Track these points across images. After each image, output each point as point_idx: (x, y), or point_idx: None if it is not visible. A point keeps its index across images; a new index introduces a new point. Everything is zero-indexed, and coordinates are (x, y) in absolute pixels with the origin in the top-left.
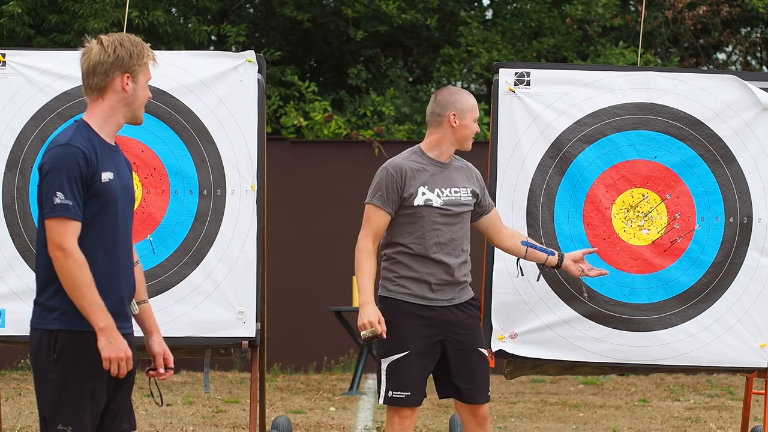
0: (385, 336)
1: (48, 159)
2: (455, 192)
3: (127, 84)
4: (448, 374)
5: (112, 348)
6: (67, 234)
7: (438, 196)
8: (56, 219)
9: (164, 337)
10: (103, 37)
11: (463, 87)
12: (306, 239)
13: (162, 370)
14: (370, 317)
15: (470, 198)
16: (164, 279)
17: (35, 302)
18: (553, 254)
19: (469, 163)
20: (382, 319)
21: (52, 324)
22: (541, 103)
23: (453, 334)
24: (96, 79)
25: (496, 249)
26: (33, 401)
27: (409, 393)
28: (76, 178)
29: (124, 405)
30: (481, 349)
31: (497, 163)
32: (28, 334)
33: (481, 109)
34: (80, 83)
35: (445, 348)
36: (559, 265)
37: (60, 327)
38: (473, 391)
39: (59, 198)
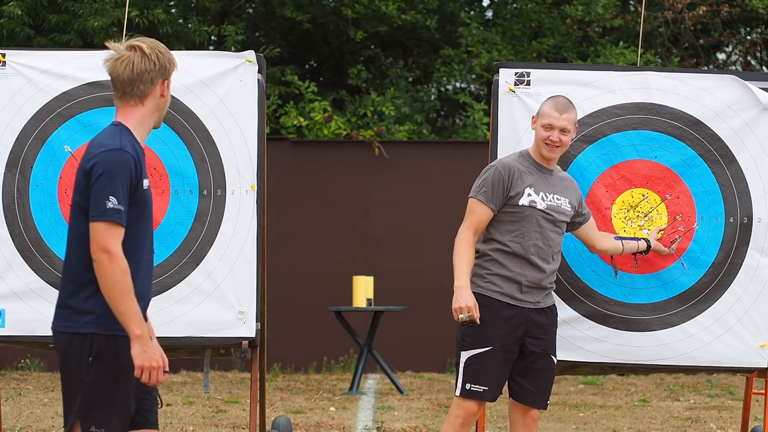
0: (479, 322)
1: (101, 162)
2: (557, 199)
3: (165, 90)
4: (514, 371)
5: (146, 357)
6: (113, 238)
7: (542, 199)
8: (106, 223)
9: (164, 337)
10: (140, 44)
11: (462, 87)
12: (306, 239)
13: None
14: (468, 302)
15: (569, 209)
16: (164, 279)
17: (63, 305)
18: (641, 240)
19: (569, 175)
20: (477, 304)
21: (87, 327)
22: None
23: (531, 335)
24: (141, 87)
25: None
26: (33, 401)
27: (486, 388)
28: (127, 185)
29: (155, 395)
30: (552, 356)
31: None
32: (48, 335)
33: (480, 110)
34: (80, 83)
35: (521, 348)
36: (648, 249)
37: (96, 330)
38: (535, 394)
39: (112, 203)
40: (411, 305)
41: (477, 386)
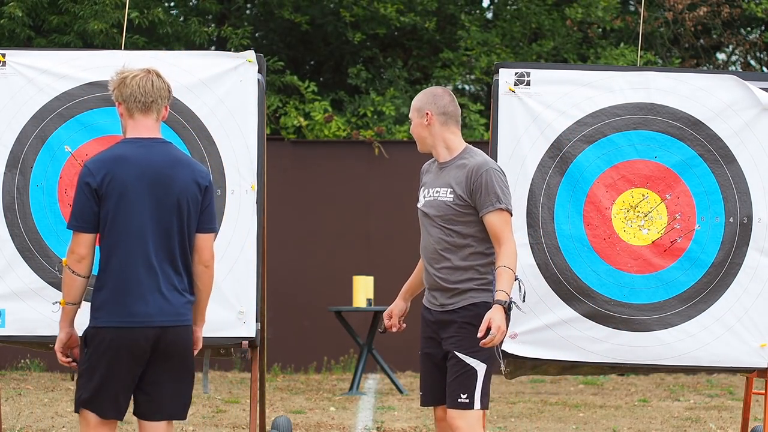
0: (392, 330)
1: (212, 180)
2: (435, 192)
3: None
4: None
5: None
6: None
7: (424, 197)
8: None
9: None
10: (152, 68)
11: (461, 88)
12: (306, 239)
13: None
14: (387, 311)
15: (450, 198)
16: None
17: (191, 301)
18: (503, 296)
19: (476, 161)
20: (394, 314)
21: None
22: (541, 103)
23: (442, 337)
24: (160, 102)
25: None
26: (33, 401)
27: (422, 392)
28: None
29: None
30: (460, 354)
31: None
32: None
33: (476, 111)
34: (80, 83)
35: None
36: (505, 307)
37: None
38: (446, 394)
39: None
40: (411, 305)
41: (420, 391)
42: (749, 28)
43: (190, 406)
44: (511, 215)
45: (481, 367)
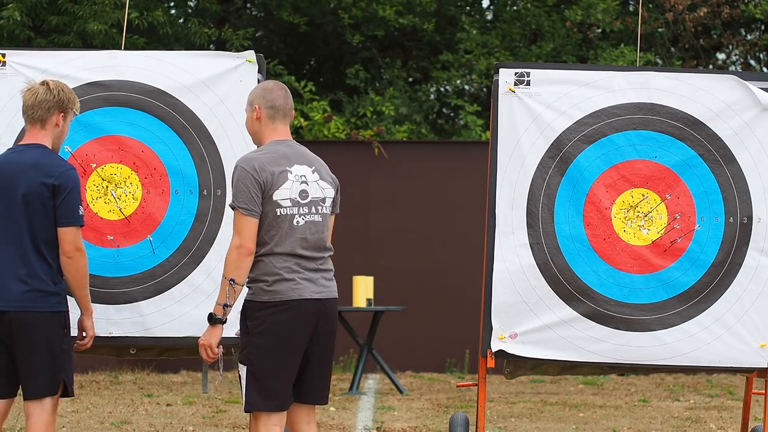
0: None
1: (69, 178)
2: None
3: (61, 122)
4: None
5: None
6: (81, 238)
7: None
8: (78, 227)
9: (164, 337)
10: (49, 81)
11: (460, 89)
12: None
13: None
14: None
15: None
16: (164, 279)
17: (44, 290)
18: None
19: None
20: None
21: (61, 306)
22: (541, 103)
23: None
24: (40, 112)
25: (496, 249)
26: None
27: None
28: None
29: None
30: None
31: (497, 163)
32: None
33: (474, 112)
34: (80, 83)
35: None
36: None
37: (64, 309)
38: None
39: (81, 210)
40: (411, 305)
41: None
42: (750, 27)
43: (55, 384)
44: (242, 213)
45: (242, 370)
